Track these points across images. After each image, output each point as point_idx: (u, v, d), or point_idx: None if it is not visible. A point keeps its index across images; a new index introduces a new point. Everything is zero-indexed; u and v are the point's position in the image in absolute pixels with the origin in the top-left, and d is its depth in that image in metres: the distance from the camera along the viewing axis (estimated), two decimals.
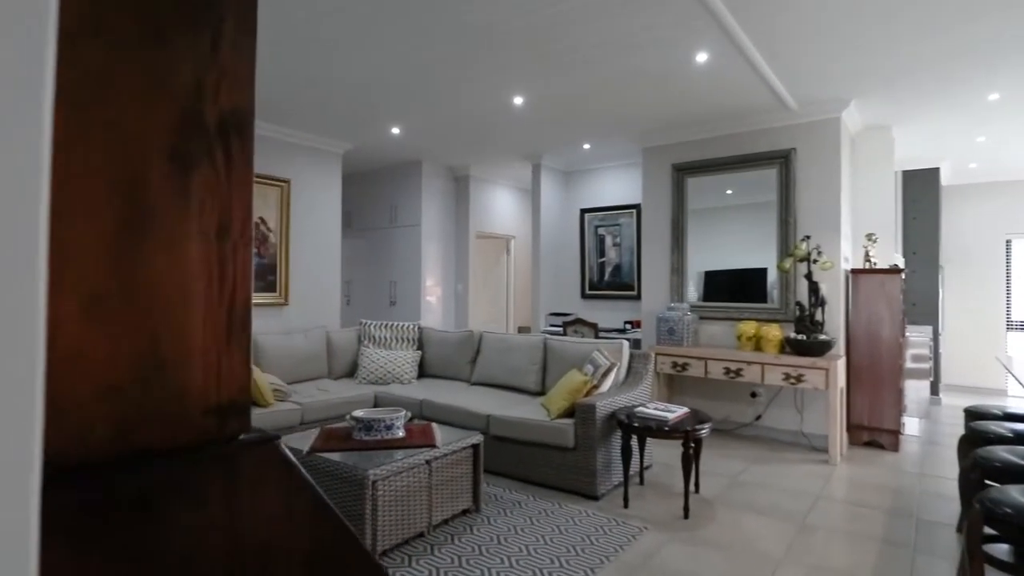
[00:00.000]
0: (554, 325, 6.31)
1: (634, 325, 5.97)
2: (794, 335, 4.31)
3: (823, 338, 4.21)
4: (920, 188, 6.42)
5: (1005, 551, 2.14)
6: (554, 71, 3.82)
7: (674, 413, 3.29)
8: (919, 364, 5.90)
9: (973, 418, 3.19)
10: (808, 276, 4.34)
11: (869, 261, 4.70)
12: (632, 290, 6.26)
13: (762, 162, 4.76)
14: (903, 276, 4.62)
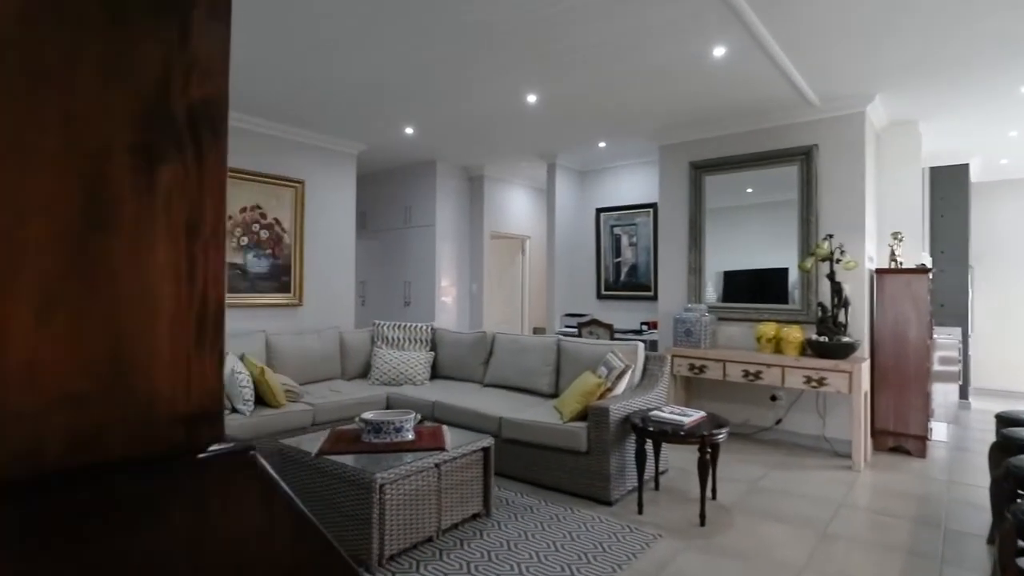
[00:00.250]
0: (569, 326, 6.24)
1: (650, 326, 5.87)
2: (816, 337, 4.19)
3: (846, 340, 4.08)
4: (948, 185, 6.21)
5: None
6: (567, 68, 3.75)
7: (690, 417, 3.20)
8: (947, 367, 5.71)
9: (1005, 424, 3.05)
10: (831, 276, 4.21)
11: (895, 260, 4.55)
12: (648, 291, 6.16)
13: (782, 159, 4.64)
14: (930, 276, 4.46)
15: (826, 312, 4.23)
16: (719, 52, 3.47)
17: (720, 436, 3.05)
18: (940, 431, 5.03)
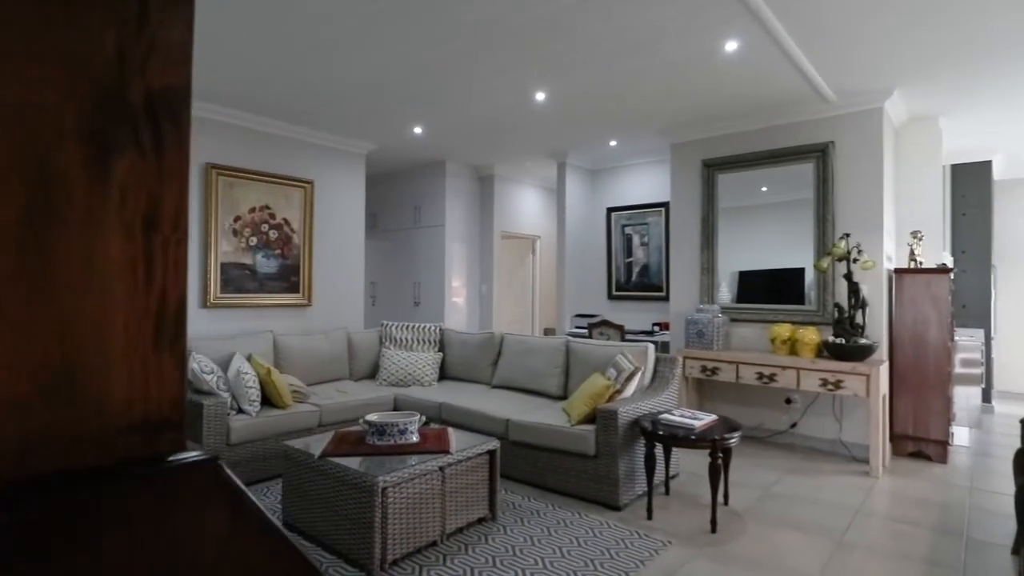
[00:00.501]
0: (579, 327, 6.17)
1: (662, 327, 5.78)
2: (832, 339, 4.08)
3: (864, 342, 3.97)
4: (970, 183, 6.04)
5: None
6: (575, 64, 3.69)
7: (701, 420, 3.12)
8: (969, 369, 5.55)
9: None
10: (848, 276, 4.10)
11: (914, 260, 4.43)
12: (660, 291, 6.07)
13: (798, 157, 4.53)
14: (952, 276, 4.33)
15: (843, 313, 4.12)
16: (731, 47, 3.39)
17: (732, 440, 2.97)
18: (962, 436, 4.88)
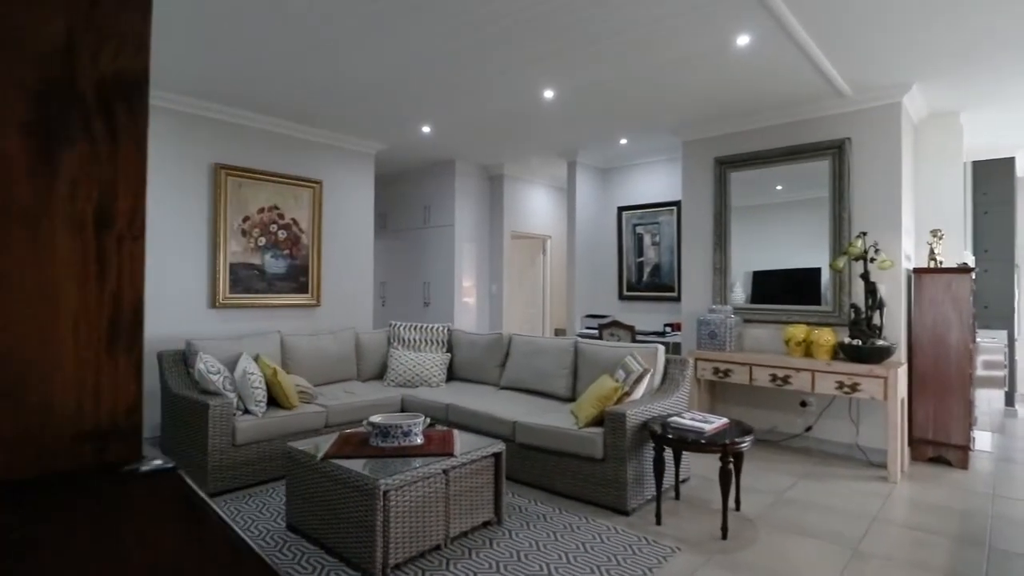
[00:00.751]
0: (590, 327, 6.10)
1: (674, 328, 5.70)
2: (849, 340, 3.97)
3: (881, 344, 3.86)
4: (993, 180, 5.88)
5: None
6: (584, 61, 3.63)
7: (712, 424, 3.05)
8: (992, 372, 5.40)
9: None
10: (864, 276, 3.99)
11: (934, 260, 4.30)
12: (672, 291, 5.98)
13: (813, 154, 4.43)
14: (973, 276, 4.20)
15: (859, 314, 4.01)
16: (743, 41, 3.31)
17: (744, 444, 2.89)
18: (984, 440, 4.74)
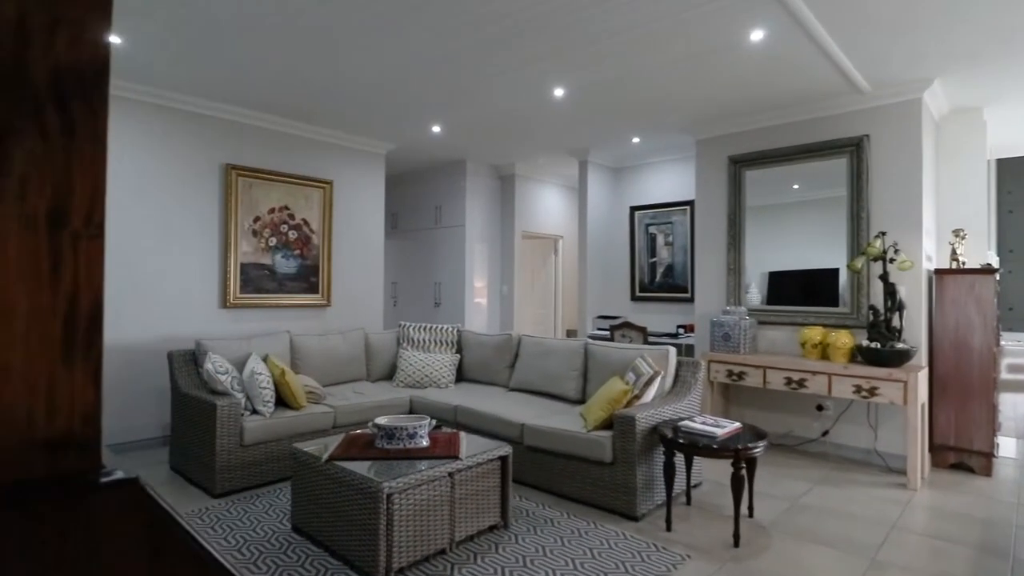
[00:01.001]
0: (602, 329, 6.04)
1: (687, 329, 5.61)
2: (867, 343, 3.87)
3: (901, 346, 3.75)
4: (1018, 178, 5.71)
5: None
6: (594, 58, 3.58)
7: (724, 428, 2.98)
8: (1017, 376, 5.24)
9: None
10: (883, 277, 3.88)
11: (956, 260, 4.18)
12: (686, 292, 5.90)
13: (830, 151, 4.33)
14: (997, 277, 4.07)
15: (878, 316, 3.91)
16: (757, 36, 3.23)
17: (757, 450, 2.82)
18: (1008, 447, 4.59)
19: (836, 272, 4.34)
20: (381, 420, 2.84)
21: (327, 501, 2.61)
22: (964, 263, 4.18)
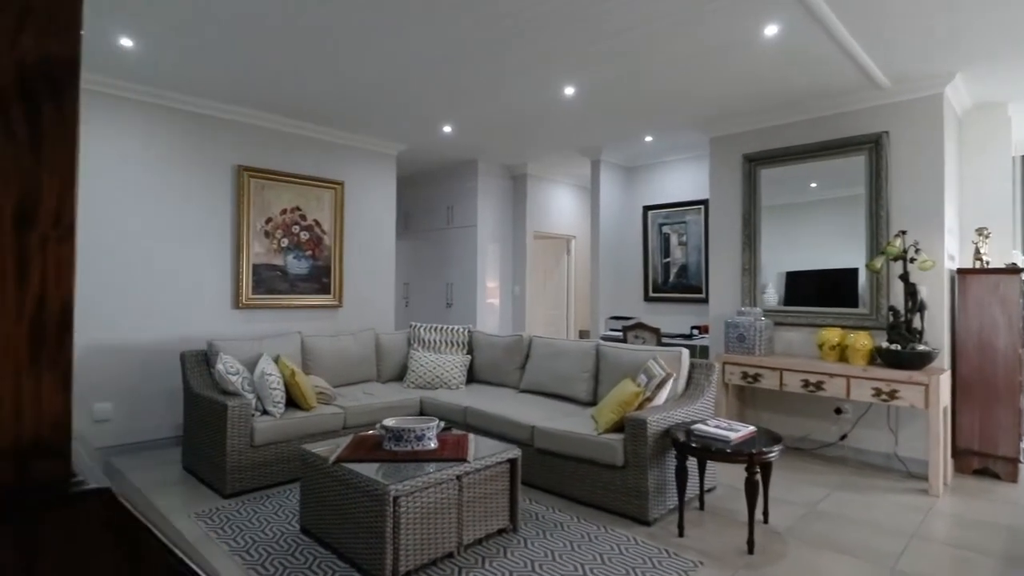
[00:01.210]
0: (614, 330, 5.98)
1: (701, 331, 5.53)
2: (887, 345, 3.77)
3: (922, 348, 3.65)
4: None
5: None
6: (605, 55, 3.53)
7: (738, 432, 2.91)
8: None
9: None
10: (904, 277, 3.78)
11: (980, 260, 4.06)
12: (700, 292, 5.81)
13: (848, 149, 4.23)
14: (1023, 277, 3.94)
15: (898, 317, 3.81)
16: (771, 31, 3.16)
17: (771, 454, 2.75)
18: None
19: (855, 272, 4.24)
20: (389, 422, 2.83)
21: (334, 503, 2.60)
22: (988, 263, 4.06)
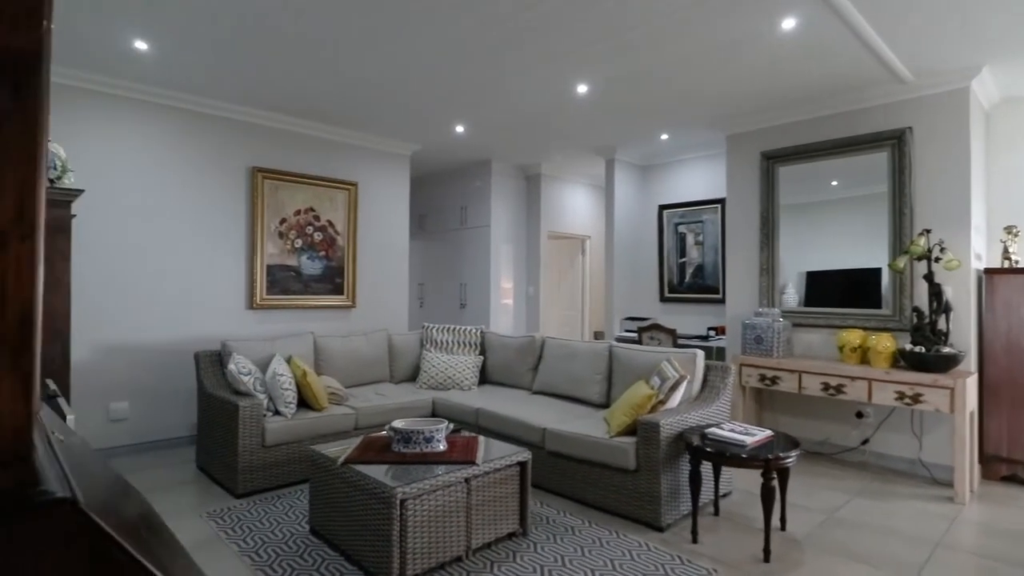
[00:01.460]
0: (629, 331, 5.90)
1: (718, 332, 5.43)
2: (910, 347, 3.66)
3: (947, 351, 3.53)
4: None
5: None
6: (617, 52, 3.47)
7: (754, 436, 2.84)
8: None
9: None
10: (928, 277, 3.67)
11: (1009, 259, 3.92)
12: (716, 293, 5.72)
13: (870, 145, 4.11)
14: None
15: (923, 318, 3.69)
16: (788, 24, 3.08)
17: (789, 460, 2.68)
18: None
19: (878, 272, 4.12)
20: (398, 423, 2.81)
21: (342, 505, 2.59)
22: (1017, 262, 3.92)
